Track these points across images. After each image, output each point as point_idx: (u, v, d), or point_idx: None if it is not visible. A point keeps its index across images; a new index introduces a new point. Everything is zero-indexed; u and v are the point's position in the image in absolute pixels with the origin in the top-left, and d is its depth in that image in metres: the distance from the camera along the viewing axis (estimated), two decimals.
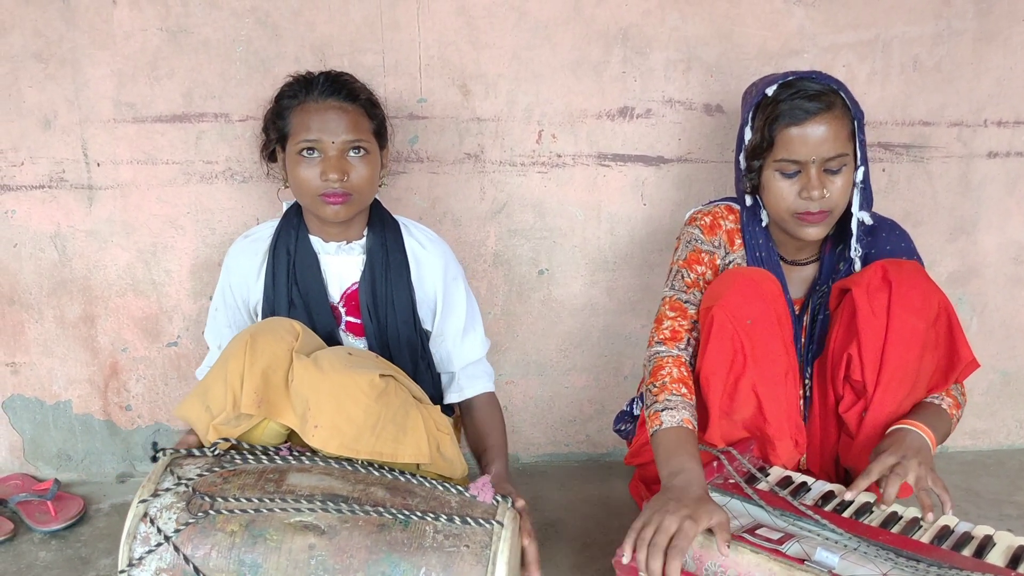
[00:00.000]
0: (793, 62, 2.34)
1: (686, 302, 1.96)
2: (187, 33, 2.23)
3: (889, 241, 1.98)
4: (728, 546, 1.53)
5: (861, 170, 1.87)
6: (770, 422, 1.86)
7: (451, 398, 2.08)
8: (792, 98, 1.82)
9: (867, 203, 1.91)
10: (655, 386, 1.86)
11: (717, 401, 1.85)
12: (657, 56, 2.33)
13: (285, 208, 2.04)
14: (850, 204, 1.91)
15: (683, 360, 1.90)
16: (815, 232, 1.88)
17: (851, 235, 1.93)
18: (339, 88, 1.91)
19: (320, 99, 1.89)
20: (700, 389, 1.88)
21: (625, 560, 1.58)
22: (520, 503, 1.70)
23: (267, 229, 2.03)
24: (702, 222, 2.02)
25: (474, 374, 2.08)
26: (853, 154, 1.86)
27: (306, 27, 2.24)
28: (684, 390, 1.85)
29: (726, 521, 1.56)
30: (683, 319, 1.95)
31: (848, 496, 1.72)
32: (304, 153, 1.88)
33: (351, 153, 1.89)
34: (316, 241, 1.99)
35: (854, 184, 1.88)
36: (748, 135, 1.91)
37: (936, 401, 1.89)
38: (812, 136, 1.81)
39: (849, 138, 1.85)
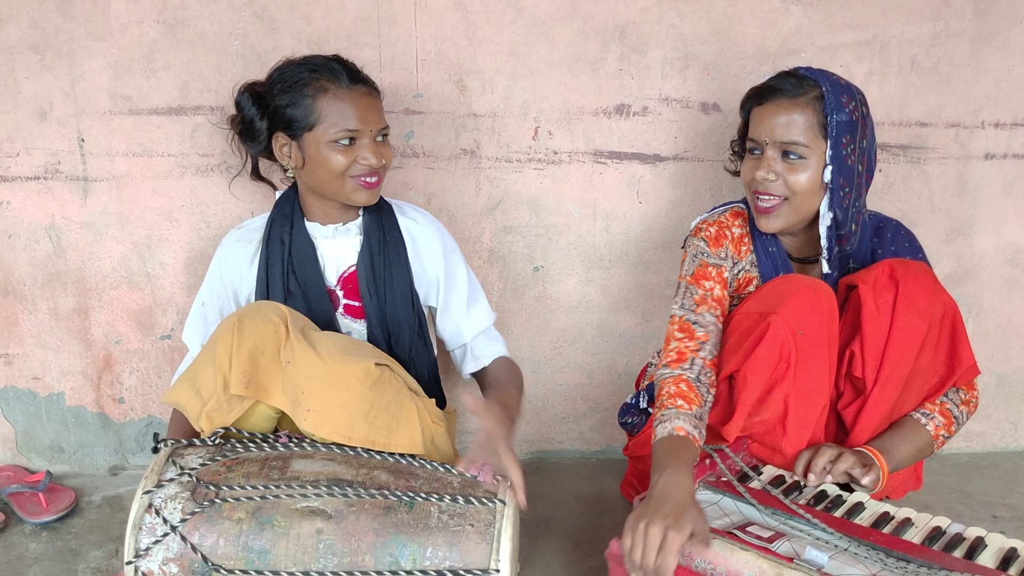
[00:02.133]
0: (791, 61, 2.34)
1: (695, 323, 1.91)
2: (184, 26, 2.23)
3: (894, 242, 1.98)
4: (707, 546, 1.53)
5: (829, 170, 1.85)
6: (789, 436, 1.84)
7: (468, 368, 2.12)
8: (768, 80, 1.90)
9: (839, 206, 1.88)
10: (657, 408, 1.84)
11: (749, 402, 1.81)
12: (654, 54, 2.33)
13: (278, 196, 2.05)
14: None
15: (683, 377, 1.83)
16: (767, 223, 1.91)
17: (823, 236, 1.92)
18: (359, 75, 1.96)
19: (351, 86, 1.92)
20: (734, 386, 1.85)
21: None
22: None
23: (260, 220, 2.05)
24: (707, 232, 2.01)
25: (485, 343, 2.12)
26: (823, 151, 1.85)
27: (303, 21, 2.24)
28: (680, 401, 1.80)
29: (706, 529, 1.55)
30: (689, 340, 1.89)
31: (810, 481, 1.77)
32: (342, 142, 1.90)
33: (379, 138, 1.95)
34: (312, 226, 2.00)
35: (826, 186, 1.87)
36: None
37: (923, 420, 1.88)
38: (769, 116, 1.86)
39: (818, 133, 1.84)
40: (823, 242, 1.92)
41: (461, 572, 1.58)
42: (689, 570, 1.55)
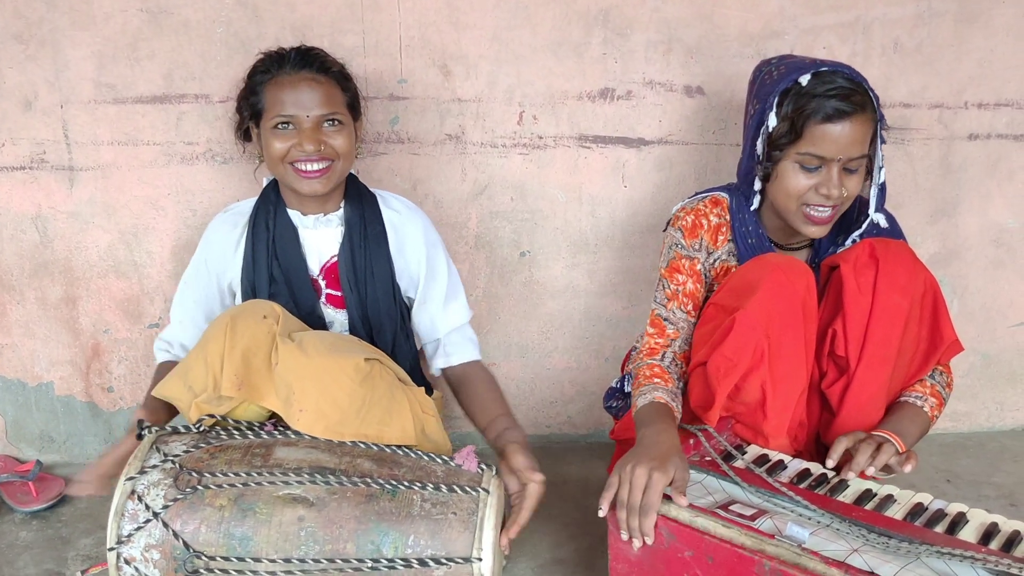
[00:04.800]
0: (774, 44, 2.35)
1: (666, 319, 1.98)
2: (167, 14, 2.23)
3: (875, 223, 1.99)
4: (684, 497, 1.57)
5: (883, 171, 1.89)
6: (769, 419, 1.85)
7: (437, 364, 2.09)
8: (828, 94, 1.80)
9: (881, 204, 1.93)
10: (635, 387, 1.93)
11: (725, 391, 1.82)
12: (638, 37, 2.33)
13: (265, 183, 2.05)
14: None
15: (656, 364, 1.94)
16: (819, 231, 1.90)
17: (856, 229, 1.95)
18: (311, 60, 1.92)
19: (292, 71, 1.90)
20: (708, 376, 1.86)
21: (601, 514, 1.64)
22: (538, 477, 1.74)
23: (247, 205, 2.05)
24: (683, 222, 2.01)
25: (459, 340, 2.09)
26: (870, 156, 1.87)
27: (286, 8, 2.24)
28: (657, 380, 1.90)
29: (686, 477, 1.62)
30: (660, 336, 1.98)
31: (830, 463, 1.73)
32: (279, 127, 1.89)
33: (325, 125, 1.91)
34: (294, 215, 2.00)
35: (872, 184, 1.89)
36: (773, 121, 1.87)
37: (918, 403, 1.89)
38: (843, 136, 1.80)
39: (872, 139, 1.86)
40: (856, 236, 1.95)
41: (443, 560, 1.59)
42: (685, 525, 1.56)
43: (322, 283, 2.01)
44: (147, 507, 1.60)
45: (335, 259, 2.00)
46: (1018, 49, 2.42)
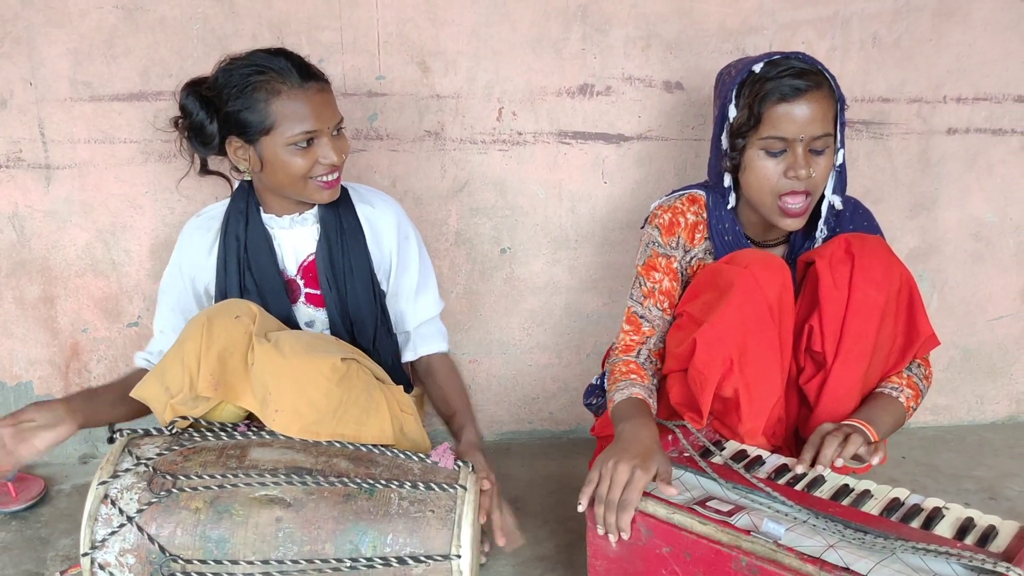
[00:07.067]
0: (753, 39, 2.35)
1: (642, 317, 1.99)
2: (143, 11, 2.21)
3: (853, 220, 1.99)
4: (669, 484, 1.60)
5: (841, 153, 1.88)
6: (744, 423, 1.85)
7: (407, 357, 2.10)
8: (781, 75, 1.81)
9: (841, 187, 1.92)
10: (611, 383, 1.93)
11: (707, 401, 1.82)
12: (616, 33, 2.33)
13: (235, 187, 2.03)
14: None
15: (632, 360, 1.96)
16: (795, 224, 1.89)
17: (819, 217, 1.94)
18: (310, 70, 1.88)
19: (304, 85, 1.84)
20: (689, 383, 1.86)
21: (580, 509, 1.65)
22: (487, 478, 1.77)
23: (219, 208, 2.03)
24: (661, 220, 2.01)
25: (428, 333, 2.10)
26: (834, 137, 1.86)
27: (263, 4, 2.23)
28: (634, 376, 1.91)
29: (669, 470, 1.65)
30: (635, 334, 1.99)
31: (799, 469, 1.73)
32: (300, 144, 1.84)
33: (334, 132, 1.90)
34: (269, 218, 1.98)
35: (832, 167, 1.89)
36: (732, 112, 1.88)
37: (894, 393, 1.89)
38: (801, 114, 1.80)
39: (833, 120, 1.85)
40: (821, 223, 1.94)
41: (422, 558, 1.59)
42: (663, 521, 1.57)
43: (300, 283, 2.00)
44: (121, 511, 1.59)
45: (312, 257, 1.99)
46: (996, 43, 2.42)
